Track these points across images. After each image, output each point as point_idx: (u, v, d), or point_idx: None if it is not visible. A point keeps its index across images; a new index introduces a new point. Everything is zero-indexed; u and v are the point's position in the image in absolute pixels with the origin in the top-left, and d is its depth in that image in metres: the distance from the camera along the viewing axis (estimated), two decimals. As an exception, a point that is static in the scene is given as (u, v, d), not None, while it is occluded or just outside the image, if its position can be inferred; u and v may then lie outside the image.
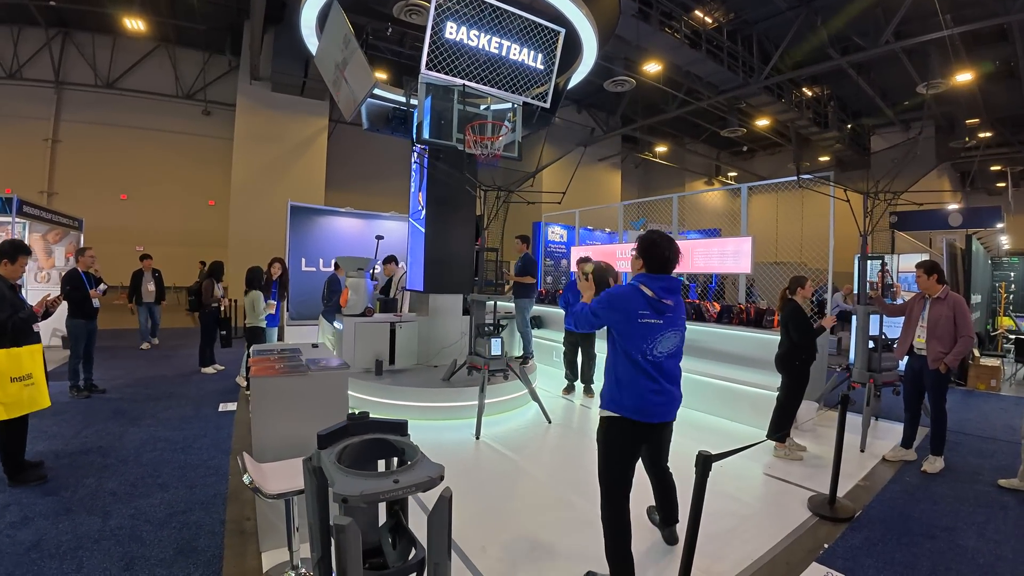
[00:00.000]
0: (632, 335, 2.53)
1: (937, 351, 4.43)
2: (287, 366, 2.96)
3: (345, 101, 6.01)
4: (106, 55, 13.58)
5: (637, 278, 2.64)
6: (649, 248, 2.63)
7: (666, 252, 2.60)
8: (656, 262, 2.61)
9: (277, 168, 13.81)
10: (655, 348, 2.55)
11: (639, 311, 2.52)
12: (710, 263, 7.14)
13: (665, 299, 2.56)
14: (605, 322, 2.59)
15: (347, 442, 1.93)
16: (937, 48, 11.08)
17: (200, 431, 4.84)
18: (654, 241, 2.63)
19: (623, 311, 2.53)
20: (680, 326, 2.66)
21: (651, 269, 2.62)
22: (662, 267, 2.60)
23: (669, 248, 2.62)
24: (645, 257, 2.64)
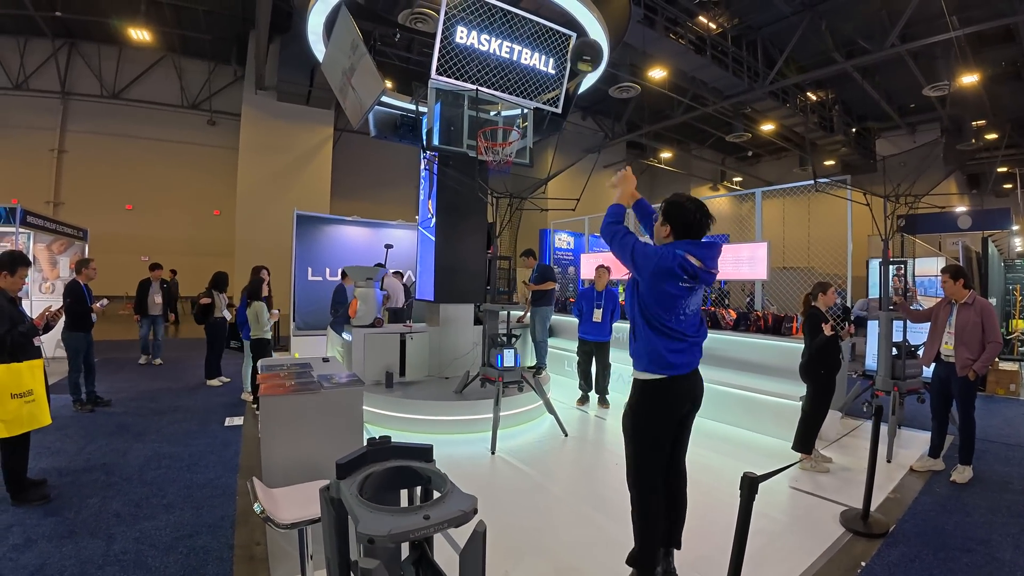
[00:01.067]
0: (664, 301, 2.36)
1: (965, 357, 4.26)
2: (297, 383, 2.79)
3: (353, 108, 5.88)
4: (112, 66, 13.56)
5: (679, 246, 2.35)
6: (676, 212, 2.41)
7: (697, 215, 2.39)
8: (684, 228, 2.40)
9: (283, 177, 13.73)
10: (687, 308, 2.41)
11: (678, 283, 2.32)
12: (724, 269, 6.94)
13: (712, 268, 2.38)
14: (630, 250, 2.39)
15: (369, 470, 1.76)
16: (943, 50, 10.97)
17: (206, 447, 4.65)
18: (681, 204, 2.42)
19: (665, 280, 2.32)
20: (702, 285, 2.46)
21: (679, 235, 2.40)
22: (690, 232, 2.39)
23: (700, 210, 2.41)
24: (673, 223, 2.42)
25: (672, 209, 2.43)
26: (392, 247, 6.66)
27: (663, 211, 2.47)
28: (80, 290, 5.77)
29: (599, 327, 6.15)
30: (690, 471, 2.70)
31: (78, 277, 5.89)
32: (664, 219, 2.45)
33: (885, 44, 10.51)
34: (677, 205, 2.43)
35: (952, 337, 4.43)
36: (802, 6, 11.05)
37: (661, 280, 2.33)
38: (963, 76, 11.01)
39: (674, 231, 2.42)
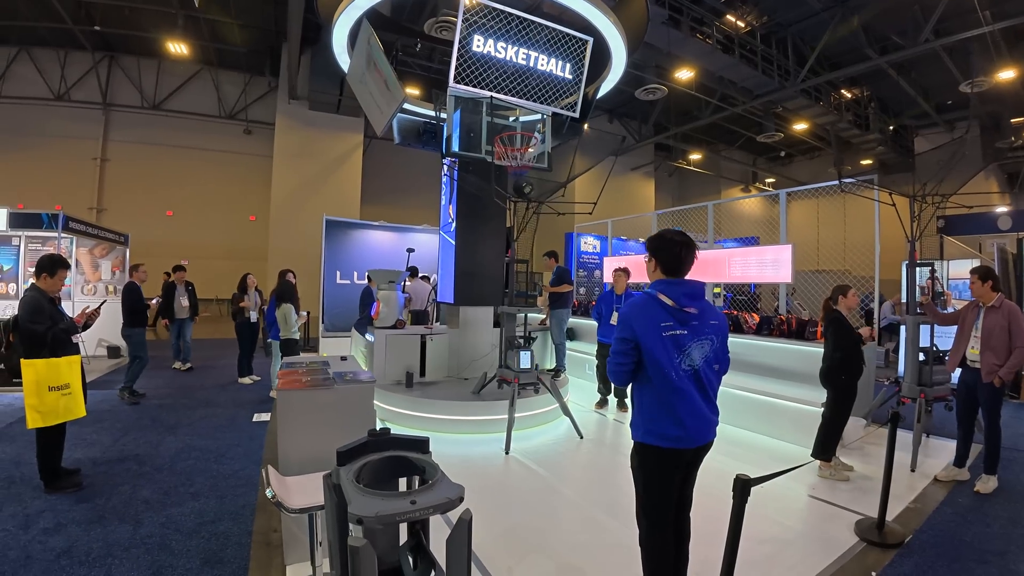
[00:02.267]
0: (658, 351, 2.25)
1: (991, 363, 4.13)
2: (313, 379, 2.94)
3: (376, 117, 6.09)
4: (151, 78, 14.22)
5: (653, 286, 2.39)
6: (660, 246, 2.40)
7: (679, 249, 2.36)
8: (671, 260, 2.37)
9: (315, 184, 14.16)
10: (686, 360, 2.28)
11: (660, 323, 2.27)
12: (748, 272, 6.89)
13: (687, 307, 2.30)
14: (630, 348, 2.30)
15: (367, 459, 1.88)
16: (978, 45, 10.59)
17: (234, 441, 4.90)
18: (664, 237, 2.41)
19: (642, 325, 2.27)
20: (710, 333, 2.35)
21: (666, 269, 2.38)
22: (677, 266, 2.36)
23: (683, 246, 2.37)
24: (657, 256, 2.41)
25: (655, 243, 2.44)
26: (414, 251, 6.83)
27: (648, 247, 2.47)
28: (137, 290, 6.37)
29: (617, 330, 6.16)
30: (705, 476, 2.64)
31: (133, 277, 6.50)
32: (650, 254, 2.46)
33: (919, 39, 10.21)
34: (661, 239, 2.43)
35: (979, 342, 4.30)
36: (833, 2, 10.82)
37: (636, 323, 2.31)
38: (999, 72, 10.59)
39: (660, 265, 2.41)
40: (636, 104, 15.05)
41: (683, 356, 2.28)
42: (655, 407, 2.31)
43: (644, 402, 2.36)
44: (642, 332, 2.26)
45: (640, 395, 2.38)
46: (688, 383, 2.29)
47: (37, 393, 3.55)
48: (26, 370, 3.53)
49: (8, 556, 2.84)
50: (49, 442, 3.74)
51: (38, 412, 3.55)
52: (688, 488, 2.51)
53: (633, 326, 2.29)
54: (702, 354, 2.33)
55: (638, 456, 2.42)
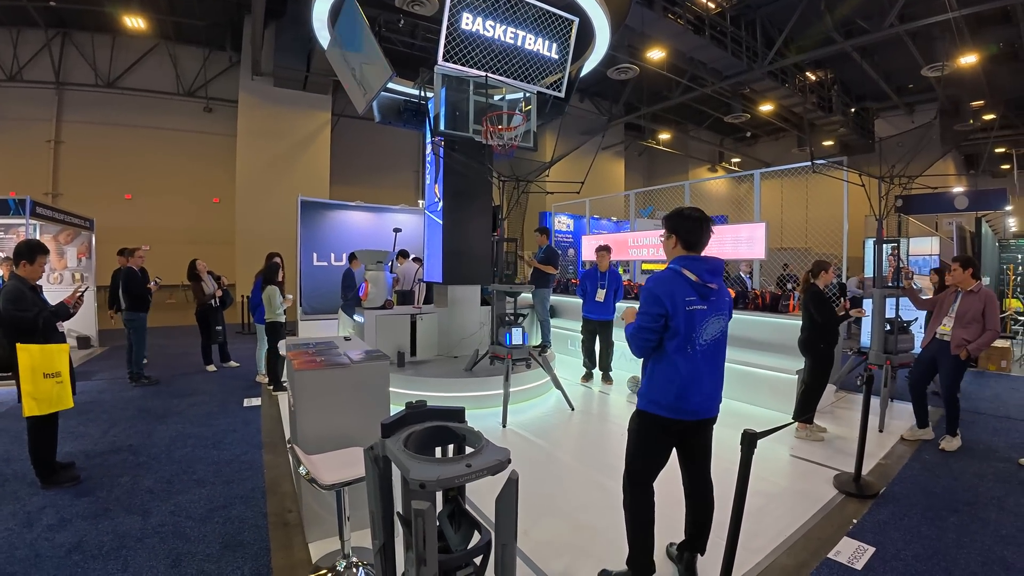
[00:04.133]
0: (682, 325, 2.34)
1: (960, 337, 4.48)
2: (327, 359, 2.98)
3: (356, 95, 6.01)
4: (106, 54, 13.50)
5: (676, 261, 2.44)
6: (680, 223, 2.47)
7: (698, 225, 2.45)
8: (690, 235, 2.45)
9: (282, 163, 13.80)
10: (701, 336, 2.38)
11: (685, 297, 2.34)
12: (723, 249, 7.13)
13: (710, 282, 2.39)
14: (661, 323, 2.36)
15: (410, 430, 1.96)
16: (941, 30, 11.05)
17: (228, 426, 4.87)
18: (683, 214, 2.48)
19: (671, 299, 2.33)
20: (724, 310, 2.47)
21: (686, 245, 2.45)
22: (696, 242, 2.45)
23: (702, 222, 2.46)
24: (677, 233, 2.47)
25: (676, 221, 2.49)
26: (400, 231, 6.82)
27: (667, 225, 2.53)
28: (136, 274, 6.33)
29: (602, 306, 6.35)
30: None
31: (130, 262, 6.44)
32: (669, 230, 2.51)
33: (884, 24, 10.59)
34: (681, 216, 2.48)
35: (952, 321, 4.64)
36: (801, -15, 11.08)
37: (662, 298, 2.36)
38: (961, 57, 11.10)
39: (680, 240, 2.47)
40: (608, 83, 15.14)
41: (702, 331, 2.38)
42: (663, 378, 2.41)
43: (655, 372, 2.45)
44: (671, 306, 2.34)
45: (652, 366, 2.47)
46: (700, 358, 2.40)
47: (32, 380, 3.45)
48: (21, 355, 3.42)
49: (16, 556, 2.75)
50: (42, 435, 3.63)
51: (34, 399, 3.45)
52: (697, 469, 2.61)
53: (662, 299, 2.35)
54: (717, 329, 2.45)
55: (636, 423, 2.54)
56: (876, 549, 2.88)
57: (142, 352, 6.42)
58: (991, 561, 2.80)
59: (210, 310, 6.97)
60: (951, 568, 2.73)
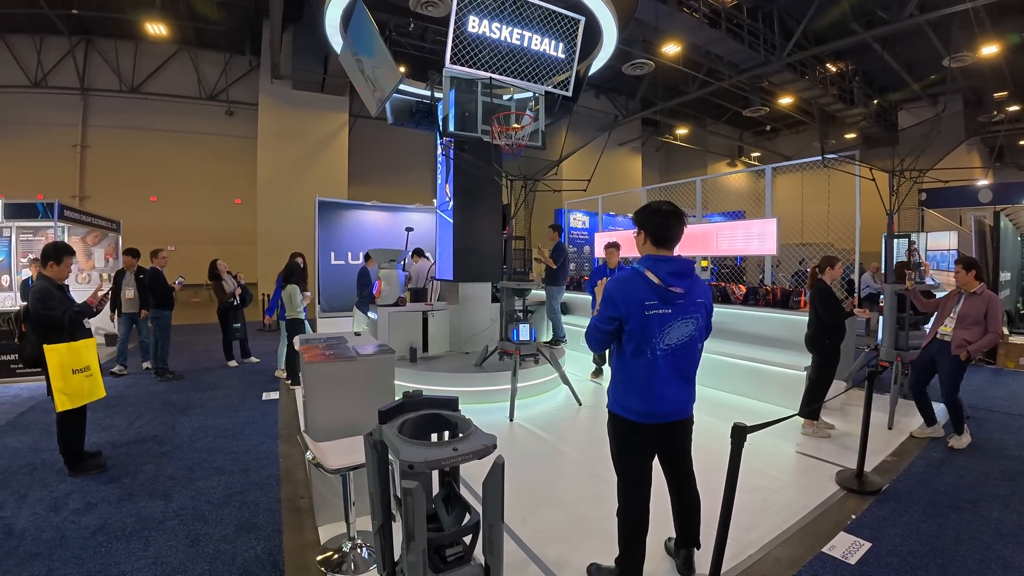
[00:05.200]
0: (638, 329, 2.26)
1: (962, 338, 4.46)
2: (335, 353, 3.16)
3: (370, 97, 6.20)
4: (129, 60, 13.97)
5: (641, 261, 2.36)
6: (647, 216, 2.38)
7: (666, 219, 2.33)
8: (658, 230, 2.34)
9: (301, 164, 14.14)
10: (663, 340, 2.28)
11: (644, 301, 2.25)
12: (734, 245, 7.18)
13: (673, 286, 2.26)
14: (615, 326, 2.32)
15: (405, 417, 2.11)
16: (962, 20, 10.82)
17: (247, 419, 5.11)
18: (651, 208, 2.39)
19: (626, 303, 2.26)
20: (694, 312, 2.35)
21: (655, 240, 2.36)
22: (665, 237, 2.34)
23: (671, 215, 2.34)
24: (645, 227, 2.38)
25: (643, 214, 2.41)
26: (412, 230, 7.00)
27: (635, 219, 2.45)
28: (160, 275, 6.71)
29: (611, 303, 6.42)
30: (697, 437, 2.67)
31: (155, 263, 6.82)
32: (638, 225, 2.42)
33: (904, 14, 10.42)
34: (646, 209, 2.41)
35: (954, 322, 4.62)
36: (819, -24, 10.95)
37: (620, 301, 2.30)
38: (983, 47, 10.86)
39: (649, 236, 2.38)
40: (623, 79, 15.14)
41: (663, 335, 2.28)
42: (627, 380, 2.37)
43: (616, 374, 2.44)
44: (626, 310, 2.27)
45: (616, 366, 2.45)
46: (663, 362, 2.30)
47: (63, 377, 3.69)
48: (50, 355, 3.65)
49: (42, 538, 2.93)
50: (71, 426, 3.86)
51: (65, 395, 3.69)
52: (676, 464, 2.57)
53: (618, 303, 2.29)
54: (685, 333, 2.33)
55: (611, 425, 2.51)
56: (872, 545, 2.89)
57: (167, 348, 6.72)
58: (989, 559, 2.79)
59: (230, 308, 7.26)
60: (947, 565, 2.72)
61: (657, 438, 2.44)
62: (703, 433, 3.15)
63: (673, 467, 2.59)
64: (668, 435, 2.46)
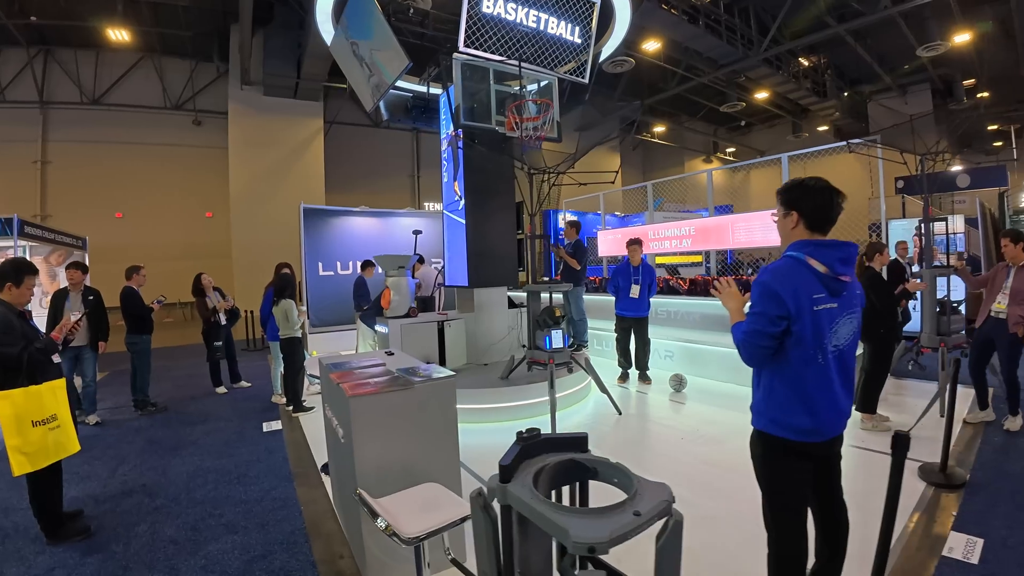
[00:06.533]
0: (808, 329, 1.84)
1: (1018, 315, 4.22)
2: (383, 379, 2.50)
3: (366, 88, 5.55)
4: (90, 71, 12.93)
5: (797, 247, 1.90)
6: (803, 195, 1.93)
7: (828, 197, 1.91)
8: (818, 211, 1.91)
9: (275, 173, 13.27)
10: (834, 339, 1.88)
11: (812, 295, 1.83)
12: (753, 237, 6.76)
13: (842, 274, 1.87)
14: (782, 328, 1.85)
15: (531, 469, 1.50)
16: (934, 10, 10.81)
17: (250, 457, 4.33)
18: (807, 185, 1.94)
19: (794, 297, 1.82)
20: (856, 308, 1.95)
21: (812, 224, 1.93)
22: (826, 219, 1.93)
23: (833, 193, 1.92)
24: (800, 208, 1.93)
25: (797, 193, 1.95)
26: (421, 232, 6.31)
27: (784, 199, 1.99)
28: (137, 295, 5.80)
29: (637, 303, 5.91)
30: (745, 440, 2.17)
31: (130, 283, 5.86)
32: (787, 207, 1.97)
33: (878, 6, 10.32)
34: (800, 187, 1.96)
35: (1006, 298, 4.38)
36: (794, -30, 10.77)
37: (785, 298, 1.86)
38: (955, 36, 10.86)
39: (804, 219, 1.93)
40: (603, 77, 14.75)
41: (832, 334, 1.88)
42: (788, 393, 1.90)
43: (774, 386, 1.94)
44: (794, 306, 1.82)
45: (770, 377, 1.95)
46: (832, 367, 1.90)
47: (19, 431, 2.84)
48: (2, 404, 2.83)
49: None
50: (43, 485, 3.07)
51: (23, 454, 2.84)
52: (833, 485, 2.10)
53: (784, 298, 1.82)
54: (850, 330, 1.94)
55: (761, 448, 2.02)
56: (984, 540, 2.71)
57: (147, 377, 5.86)
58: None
59: (216, 327, 6.40)
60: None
61: (818, 458, 1.99)
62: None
63: (825, 494, 2.10)
64: (827, 453, 2.02)
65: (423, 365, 2.79)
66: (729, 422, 4.67)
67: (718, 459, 3.85)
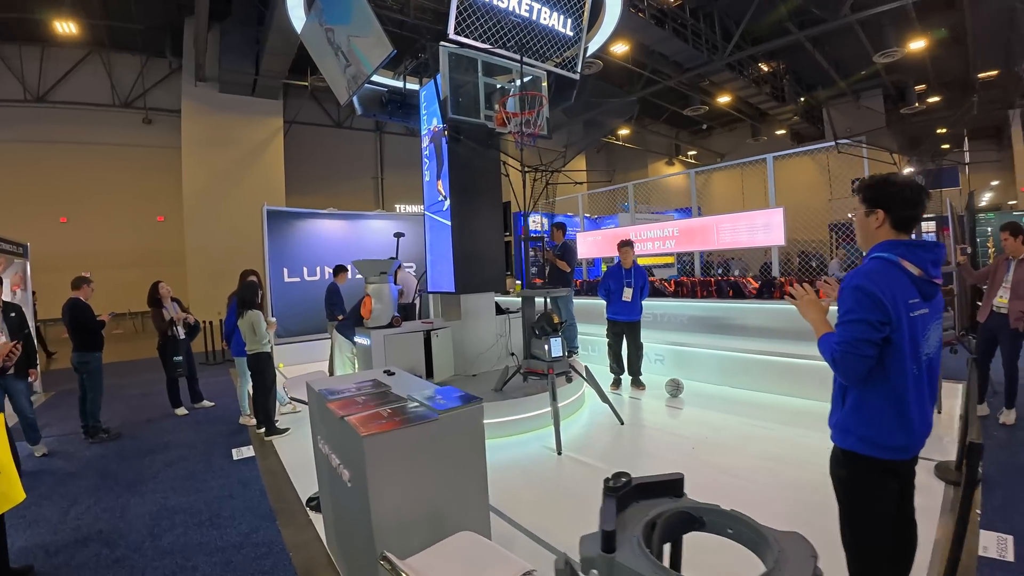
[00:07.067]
0: (905, 336, 1.66)
1: (1019, 311, 4.19)
2: (397, 408, 2.07)
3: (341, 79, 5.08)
4: (35, 67, 11.84)
5: (887, 248, 1.73)
6: (893, 193, 1.74)
7: (918, 196, 1.74)
8: (907, 210, 1.74)
9: (232, 174, 12.44)
10: (926, 346, 1.72)
11: (908, 299, 1.66)
12: (738, 238, 6.61)
13: (936, 277, 1.72)
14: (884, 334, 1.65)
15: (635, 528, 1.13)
16: (890, 18, 11.07)
17: (222, 491, 3.75)
18: (896, 183, 1.77)
19: (893, 302, 1.63)
20: (941, 311, 1.81)
21: (899, 224, 1.75)
22: (913, 220, 1.77)
23: (922, 191, 1.76)
24: (889, 207, 1.74)
25: (884, 190, 1.76)
26: (403, 235, 5.83)
27: (868, 196, 1.80)
28: (87, 308, 5.08)
29: (629, 306, 5.63)
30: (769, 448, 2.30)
31: (77, 294, 5.13)
32: (871, 205, 1.78)
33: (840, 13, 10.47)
34: (889, 183, 1.77)
35: (1008, 292, 4.33)
36: (759, -24, 10.82)
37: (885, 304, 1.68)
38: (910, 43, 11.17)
39: (891, 217, 1.75)
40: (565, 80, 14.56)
41: (925, 342, 1.72)
42: (883, 409, 1.71)
43: (866, 401, 1.73)
44: (895, 312, 1.64)
45: (861, 392, 1.74)
46: (923, 377, 1.73)
47: None
48: None
49: None
50: None
51: None
52: (908, 502, 1.93)
53: (886, 303, 1.63)
54: (937, 337, 1.79)
55: (848, 468, 1.82)
56: (1013, 536, 2.67)
57: (98, 400, 5.14)
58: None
59: (173, 341, 5.72)
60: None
61: (902, 476, 1.83)
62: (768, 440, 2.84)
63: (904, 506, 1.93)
64: (910, 470, 1.88)
65: (442, 389, 2.37)
66: (737, 428, 4.44)
67: (738, 469, 3.60)
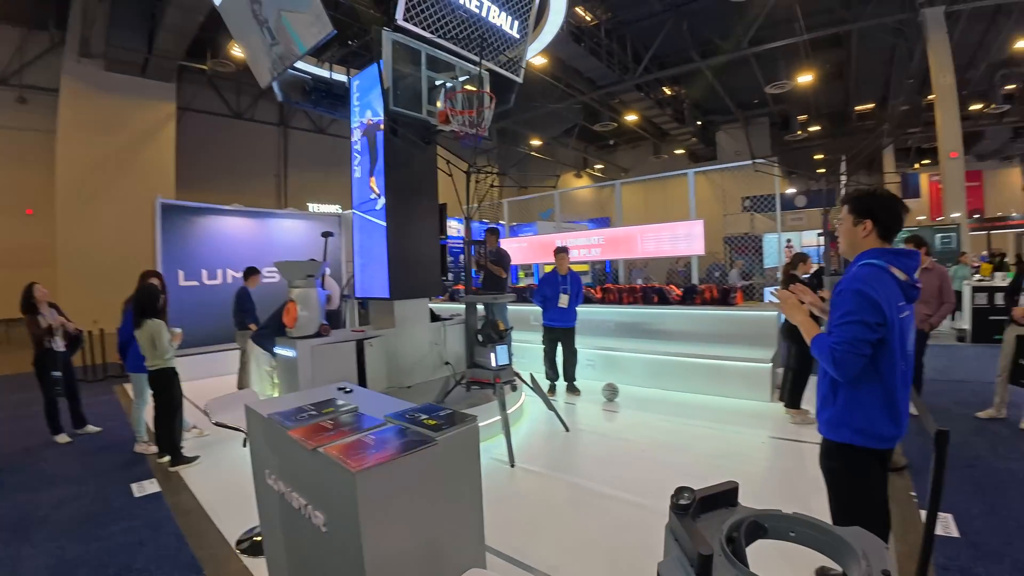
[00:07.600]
0: (896, 335, 1.83)
1: (924, 313, 4.59)
2: (380, 435, 1.74)
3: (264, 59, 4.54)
4: None
5: (877, 256, 1.87)
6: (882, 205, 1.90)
7: (901, 209, 1.93)
8: (893, 222, 1.90)
9: (116, 163, 10.89)
10: (908, 343, 1.91)
11: (897, 303, 1.83)
12: (661, 247, 6.85)
13: (917, 281, 1.92)
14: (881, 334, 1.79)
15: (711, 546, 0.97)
16: (784, 53, 12.27)
17: (129, 536, 3.02)
18: (883, 195, 1.93)
19: (888, 305, 1.79)
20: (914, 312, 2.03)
21: (885, 233, 1.90)
22: (897, 229, 1.93)
23: (903, 204, 1.95)
24: (877, 218, 1.89)
25: (872, 201, 1.91)
26: (332, 235, 5.28)
27: (857, 207, 1.93)
28: None
29: (565, 313, 5.58)
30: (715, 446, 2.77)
31: None
32: (860, 215, 1.91)
33: (742, 45, 11.40)
34: (875, 196, 1.92)
35: None
36: (670, 5, 11.49)
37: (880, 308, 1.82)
38: (799, 76, 12.45)
39: (878, 228, 1.89)
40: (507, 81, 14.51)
41: (907, 340, 1.91)
42: (875, 402, 1.85)
43: (859, 396, 1.87)
44: (889, 313, 1.79)
45: (853, 388, 1.87)
46: (908, 372, 1.92)
47: None
48: None
49: None
50: None
51: None
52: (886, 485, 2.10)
53: (883, 305, 1.78)
54: (913, 334, 2.00)
55: (842, 460, 1.94)
56: (952, 514, 2.84)
57: None
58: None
59: (50, 355, 4.73)
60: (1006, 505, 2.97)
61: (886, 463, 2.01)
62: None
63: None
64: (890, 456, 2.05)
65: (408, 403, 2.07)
66: (680, 429, 4.55)
67: (692, 467, 3.69)
